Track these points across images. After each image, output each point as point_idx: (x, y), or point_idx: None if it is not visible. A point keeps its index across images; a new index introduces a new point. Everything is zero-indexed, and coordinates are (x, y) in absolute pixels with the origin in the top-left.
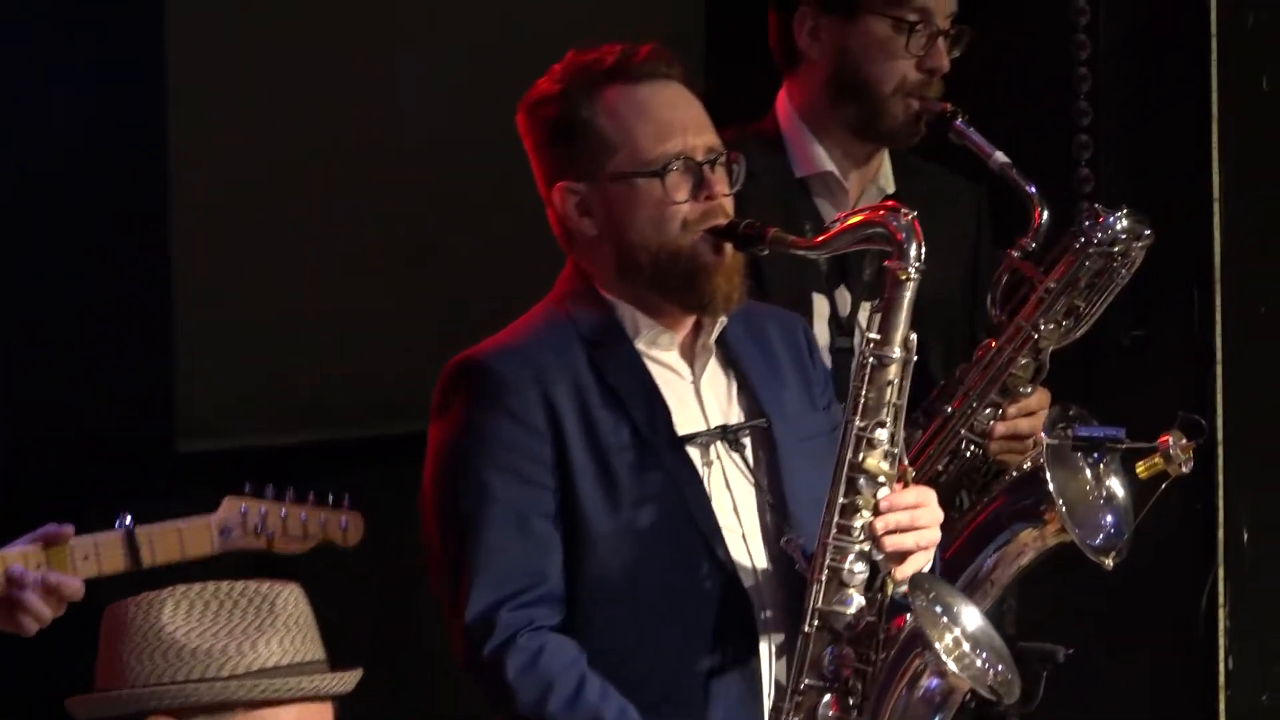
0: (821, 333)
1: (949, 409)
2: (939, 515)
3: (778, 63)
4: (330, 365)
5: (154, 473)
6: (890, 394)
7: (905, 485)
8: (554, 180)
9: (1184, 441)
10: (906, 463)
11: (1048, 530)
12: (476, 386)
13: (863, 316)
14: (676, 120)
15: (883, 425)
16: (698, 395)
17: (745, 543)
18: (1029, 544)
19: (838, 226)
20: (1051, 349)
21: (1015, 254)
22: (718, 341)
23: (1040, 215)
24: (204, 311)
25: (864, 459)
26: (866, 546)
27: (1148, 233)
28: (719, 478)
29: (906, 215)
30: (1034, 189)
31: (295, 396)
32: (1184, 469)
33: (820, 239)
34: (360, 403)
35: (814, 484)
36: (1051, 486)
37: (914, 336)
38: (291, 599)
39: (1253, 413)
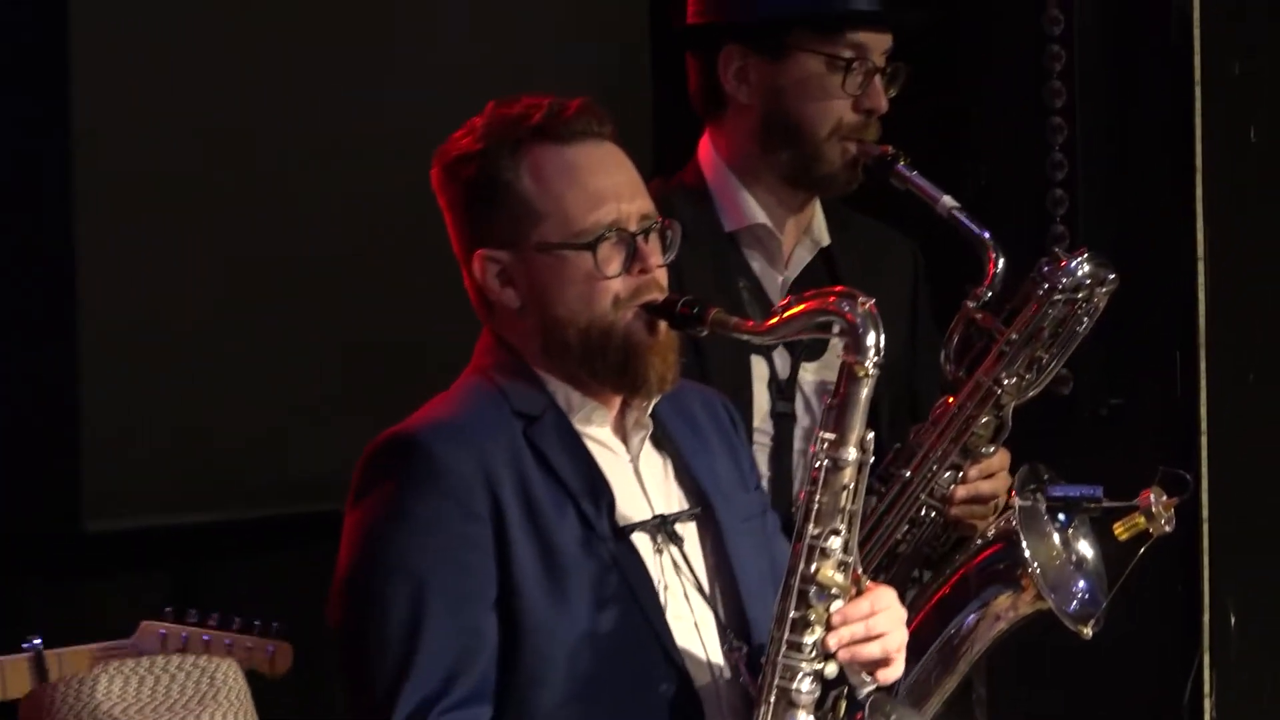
0: (761, 396)
1: (907, 473)
2: (900, 614)
3: (698, 109)
4: (248, 440)
5: (60, 554)
6: (845, 499)
7: (859, 593)
8: (472, 246)
9: (1165, 499)
10: (860, 571)
11: (1022, 598)
12: (412, 468)
13: (804, 379)
14: (609, 186)
15: (837, 533)
16: (638, 476)
17: (699, 633)
18: (1002, 613)
19: (787, 312)
20: (1013, 404)
21: (971, 305)
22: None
23: (995, 262)
24: (112, 384)
25: (816, 570)
26: (819, 665)
27: (1112, 277)
28: (669, 566)
29: (864, 303)
30: (988, 234)
31: (211, 472)
32: (1167, 528)
33: (767, 324)
34: (281, 479)
35: (761, 571)
36: (1027, 551)
37: (871, 435)
38: (231, 673)
39: (1240, 488)
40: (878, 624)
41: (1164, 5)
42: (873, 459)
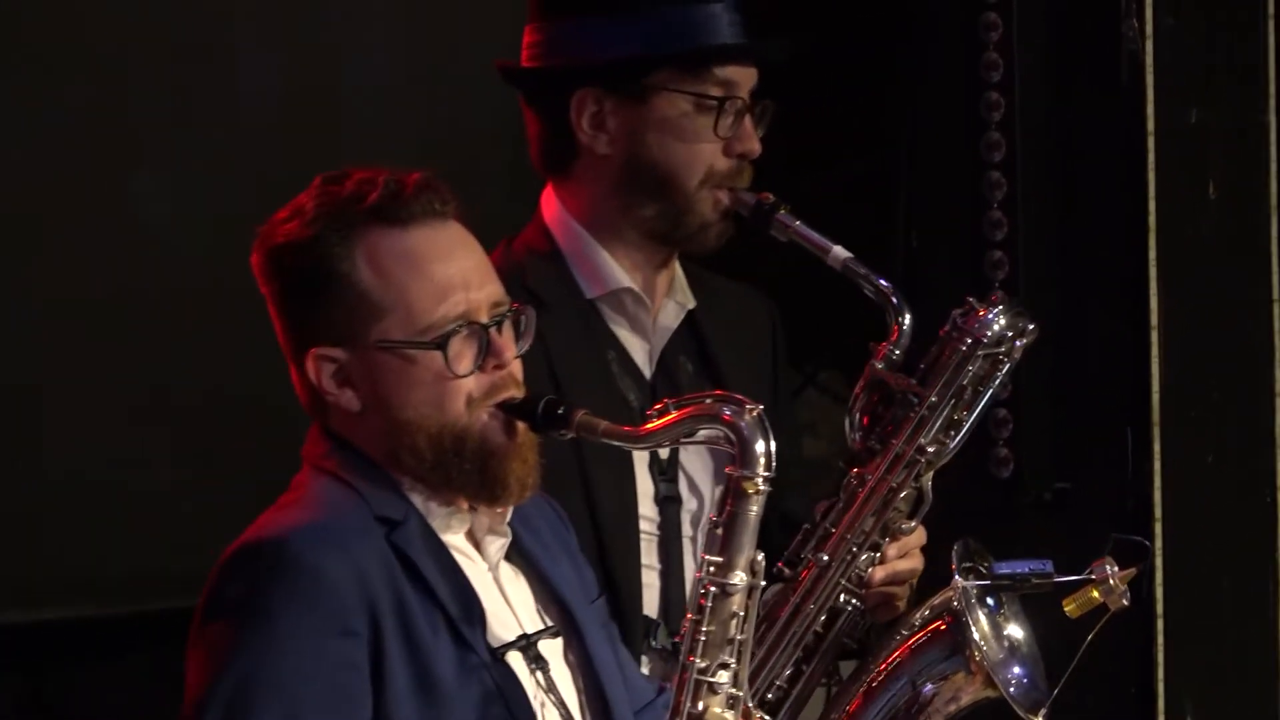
0: (645, 481)
1: (825, 558)
2: None
3: (541, 164)
4: (94, 533)
5: None
6: (734, 628)
7: None
8: (304, 344)
9: (1120, 570)
10: (751, 704)
11: (971, 682)
12: (279, 579)
13: (687, 460)
14: (456, 274)
15: (725, 666)
16: (499, 586)
17: None
18: (955, 693)
19: (663, 419)
20: (930, 474)
21: (878, 365)
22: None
23: (901, 318)
24: None
25: (704, 709)
26: None
27: (1031, 327)
28: (545, 682)
29: (751, 410)
30: (889, 285)
31: (57, 569)
32: (1124, 602)
33: (644, 430)
34: (131, 575)
35: (622, 683)
36: (975, 634)
37: (760, 557)
38: None
39: (1197, 578)
40: None
41: (1113, 47)
42: (763, 583)
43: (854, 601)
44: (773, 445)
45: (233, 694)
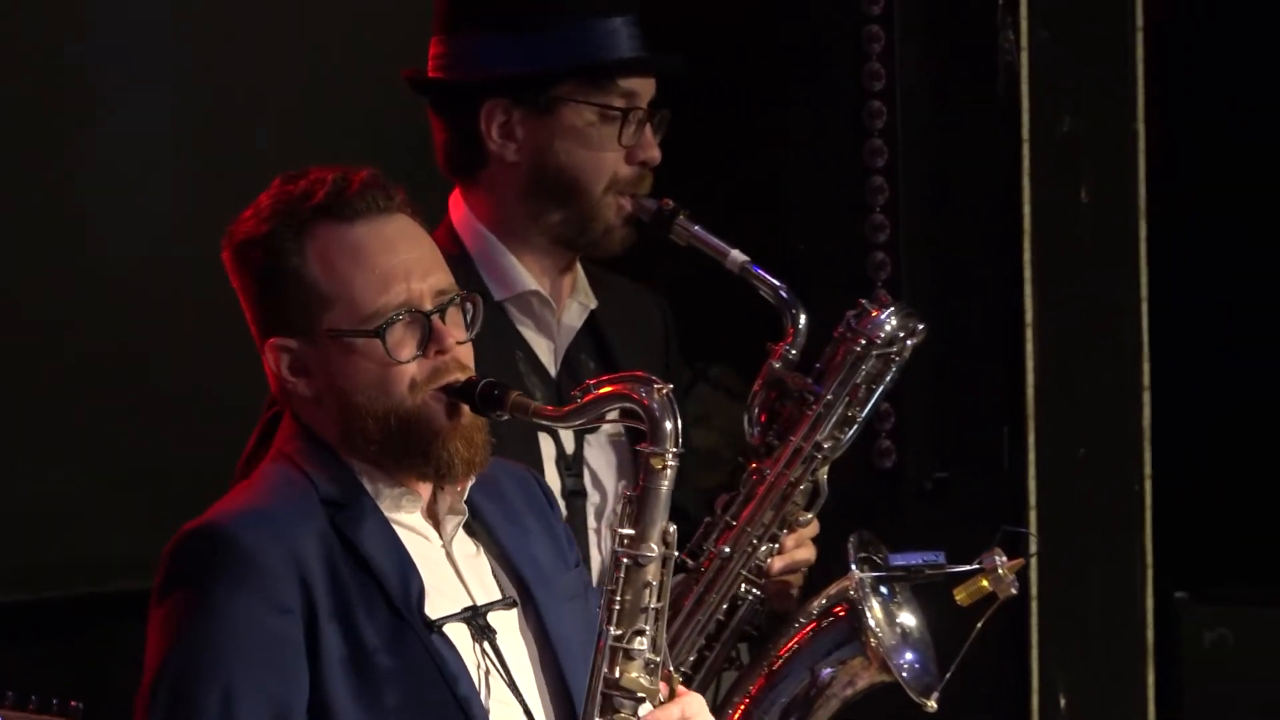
0: (551, 477)
1: (726, 549)
2: None
3: (448, 169)
4: (28, 517)
5: None
6: (649, 596)
7: (671, 693)
8: (265, 334)
9: (1008, 560)
10: (671, 668)
11: (867, 669)
12: (219, 561)
13: (590, 455)
14: (398, 265)
15: (641, 633)
16: (452, 562)
17: None
18: (851, 678)
19: (585, 398)
20: (826, 467)
21: (776, 364)
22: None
23: (796, 317)
24: None
25: (621, 674)
26: None
27: (921, 327)
28: (491, 655)
29: (661, 390)
30: (784, 288)
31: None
32: (1013, 590)
33: (566, 410)
34: (68, 560)
35: (587, 652)
36: (871, 621)
37: (673, 529)
38: None
39: (1070, 565)
40: None
41: (990, 59)
42: (675, 553)
43: (754, 591)
44: (680, 423)
45: (177, 674)
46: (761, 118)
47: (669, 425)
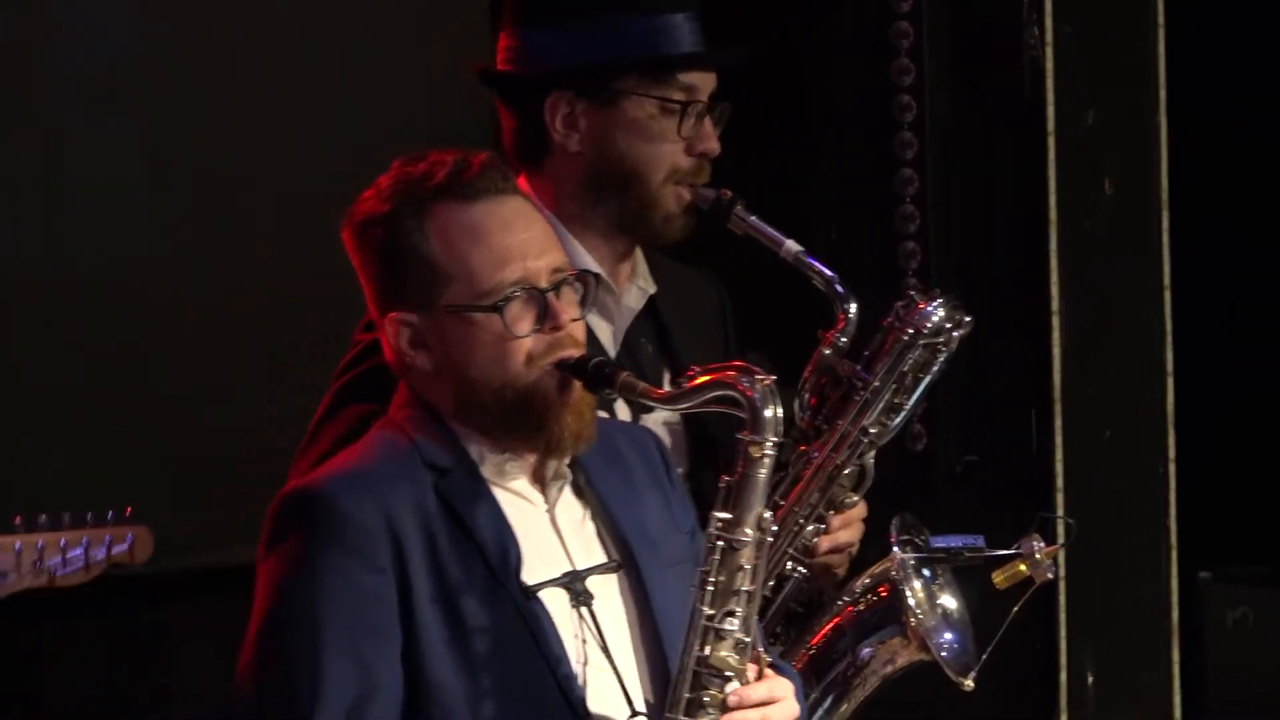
0: None
1: (774, 528)
2: (794, 710)
3: (515, 157)
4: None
5: None
6: (742, 579)
7: (760, 674)
8: (385, 309)
9: (1046, 546)
10: (761, 649)
11: (907, 648)
12: (315, 520)
13: (652, 420)
14: (515, 243)
15: (733, 614)
16: (554, 526)
17: (623, 688)
18: (891, 656)
19: (690, 384)
20: (873, 452)
21: (827, 351)
22: (570, 464)
23: (847, 306)
24: None
25: (711, 653)
26: None
27: (967, 319)
28: (588, 620)
29: (763, 380)
30: (836, 277)
31: None
32: (1049, 575)
33: (672, 393)
34: None
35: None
36: (912, 602)
37: (769, 514)
38: None
39: (1097, 546)
40: (772, 714)
41: (1016, 54)
42: (770, 538)
43: (800, 569)
44: (780, 412)
45: (270, 629)
46: (796, 112)
47: (769, 415)
